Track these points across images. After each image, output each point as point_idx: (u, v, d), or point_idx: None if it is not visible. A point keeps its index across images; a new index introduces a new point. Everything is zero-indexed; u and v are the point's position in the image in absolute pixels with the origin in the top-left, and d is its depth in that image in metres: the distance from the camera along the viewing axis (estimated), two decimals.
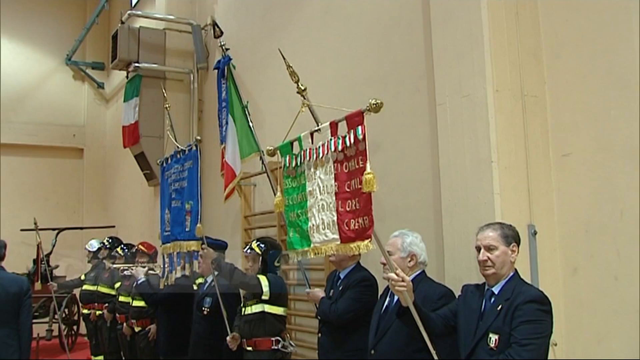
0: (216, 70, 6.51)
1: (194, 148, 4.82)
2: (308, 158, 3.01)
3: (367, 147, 2.64)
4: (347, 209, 2.77)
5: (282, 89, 6.39)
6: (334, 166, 2.84)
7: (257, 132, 6.02)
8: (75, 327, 10.75)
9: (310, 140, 3.05)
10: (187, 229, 4.76)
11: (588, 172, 3.49)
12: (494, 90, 3.61)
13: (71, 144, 12.68)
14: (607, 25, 3.46)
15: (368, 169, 2.60)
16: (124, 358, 6.99)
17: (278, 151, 3.30)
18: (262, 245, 4.74)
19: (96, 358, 7.82)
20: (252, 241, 4.91)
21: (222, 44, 5.10)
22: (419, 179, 4.35)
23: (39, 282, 8.25)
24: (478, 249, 3.04)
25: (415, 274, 3.50)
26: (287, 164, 3.20)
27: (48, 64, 12.63)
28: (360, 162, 2.68)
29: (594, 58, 3.51)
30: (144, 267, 6.12)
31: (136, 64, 8.37)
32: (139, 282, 5.91)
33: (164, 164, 5.35)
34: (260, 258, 4.70)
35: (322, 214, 2.91)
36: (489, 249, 2.99)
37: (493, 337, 2.86)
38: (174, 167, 5.08)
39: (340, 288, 4.05)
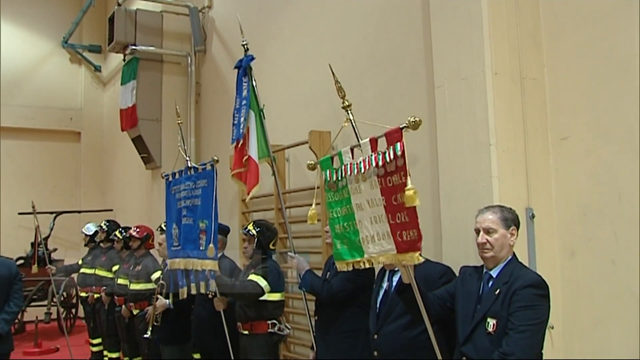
0: (214, 54, 6.44)
1: (209, 167, 4.63)
2: (349, 172, 3.02)
3: (406, 163, 2.64)
4: (397, 221, 2.77)
5: (281, 73, 6.35)
6: (377, 180, 2.84)
7: None
8: (73, 310, 10.80)
9: (350, 156, 3.06)
10: (201, 248, 4.62)
11: (586, 156, 3.48)
12: (492, 73, 3.58)
13: (68, 128, 12.63)
14: (606, 9, 3.43)
15: (409, 185, 2.60)
16: (121, 340, 7.02)
17: (318, 165, 3.31)
18: (258, 228, 4.86)
19: (94, 340, 7.85)
20: (249, 223, 5.04)
21: (244, 43, 5.04)
22: (417, 162, 4.34)
23: (36, 265, 8.20)
24: (477, 231, 3.04)
25: None
26: (328, 178, 3.20)
27: (45, 46, 12.52)
28: (402, 178, 2.68)
29: (593, 41, 3.48)
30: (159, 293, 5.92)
31: (133, 47, 8.33)
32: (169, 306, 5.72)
33: (170, 179, 5.13)
34: (256, 239, 4.81)
35: (376, 226, 2.90)
36: (488, 231, 2.98)
37: (491, 322, 2.86)
38: (185, 184, 4.85)
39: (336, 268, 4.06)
